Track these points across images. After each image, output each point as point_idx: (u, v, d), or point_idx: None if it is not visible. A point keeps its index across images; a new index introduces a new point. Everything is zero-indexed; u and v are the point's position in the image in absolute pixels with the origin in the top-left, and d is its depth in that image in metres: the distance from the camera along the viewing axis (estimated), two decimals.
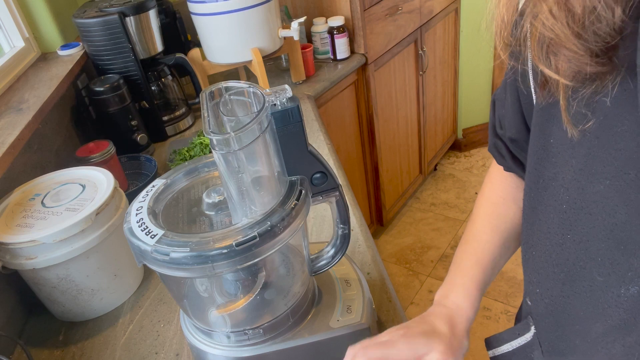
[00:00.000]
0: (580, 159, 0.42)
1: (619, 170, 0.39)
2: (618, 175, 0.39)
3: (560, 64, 0.39)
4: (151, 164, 1.28)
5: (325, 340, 0.66)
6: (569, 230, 0.46)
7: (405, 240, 2.47)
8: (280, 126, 0.56)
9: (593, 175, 0.42)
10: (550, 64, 0.40)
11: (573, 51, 0.37)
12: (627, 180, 0.39)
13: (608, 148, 0.40)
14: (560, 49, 0.38)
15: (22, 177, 1.01)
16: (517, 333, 0.60)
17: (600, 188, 0.41)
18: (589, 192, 0.42)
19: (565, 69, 0.39)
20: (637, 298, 0.41)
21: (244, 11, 1.40)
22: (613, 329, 0.44)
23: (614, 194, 0.40)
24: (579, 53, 0.37)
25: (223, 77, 1.83)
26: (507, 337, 0.61)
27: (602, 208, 0.41)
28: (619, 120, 0.39)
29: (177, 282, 0.66)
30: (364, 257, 0.91)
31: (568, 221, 0.45)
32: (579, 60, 0.37)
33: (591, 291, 0.45)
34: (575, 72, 0.38)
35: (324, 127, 1.43)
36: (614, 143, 0.39)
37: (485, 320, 1.98)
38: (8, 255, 0.80)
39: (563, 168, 0.45)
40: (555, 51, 0.38)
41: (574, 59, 0.37)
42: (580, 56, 0.37)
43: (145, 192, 0.63)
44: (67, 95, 1.34)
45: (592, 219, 0.43)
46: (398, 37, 2.07)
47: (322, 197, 0.63)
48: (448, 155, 3.01)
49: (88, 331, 0.88)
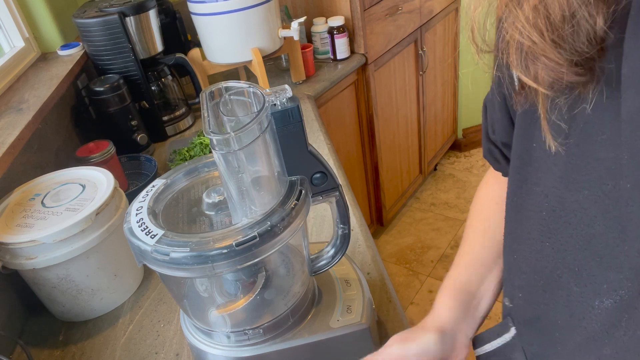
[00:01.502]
0: (561, 166, 0.42)
1: (597, 180, 0.39)
2: (596, 186, 0.39)
3: (539, 73, 0.38)
4: (151, 164, 1.28)
5: (325, 340, 0.66)
6: (547, 238, 0.45)
7: (405, 240, 2.47)
8: (280, 126, 0.56)
9: (572, 184, 0.41)
10: (529, 72, 0.39)
11: (551, 60, 0.36)
12: (605, 191, 0.38)
13: (587, 157, 0.39)
14: (538, 58, 0.37)
15: (22, 177, 1.01)
16: (497, 333, 0.59)
17: (579, 197, 0.40)
18: (568, 201, 0.42)
19: (544, 77, 0.38)
20: (611, 312, 0.40)
21: (244, 11, 1.40)
22: (589, 341, 0.43)
23: (591, 205, 0.39)
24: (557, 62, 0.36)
25: (223, 77, 1.83)
26: (487, 337, 0.61)
27: (580, 218, 0.41)
28: (599, 129, 0.38)
29: (177, 282, 0.66)
30: (364, 257, 0.91)
31: (547, 228, 0.45)
32: (557, 69, 0.36)
33: (568, 301, 0.44)
34: (554, 81, 0.37)
35: (324, 127, 1.43)
36: (593, 152, 0.39)
37: (485, 321, 1.98)
38: (8, 255, 0.80)
39: (545, 174, 0.44)
40: (533, 60, 0.37)
41: (552, 68, 0.36)
42: (559, 65, 0.36)
43: (145, 192, 0.63)
44: (67, 95, 1.34)
45: (570, 228, 0.42)
46: (398, 37, 2.07)
47: (322, 197, 0.63)
48: (448, 155, 3.01)
49: (88, 331, 0.88)
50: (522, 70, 0.39)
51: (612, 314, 0.40)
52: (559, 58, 0.36)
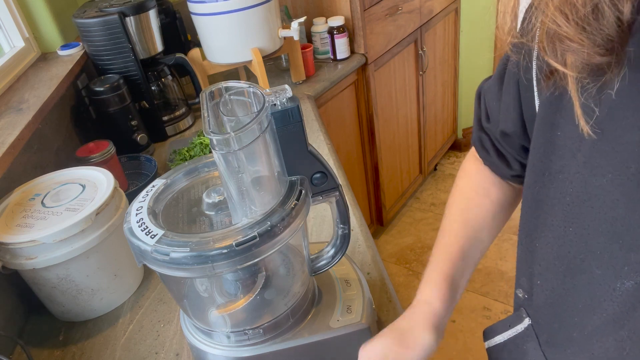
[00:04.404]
0: (586, 151, 0.43)
1: (621, 164, 0.39)
2: (620, 169, 0.40)
3: (568, 57, 0.39)
4: (151, 164, 1.28)
5: (325, 340, 0.66)
6: (571, 223, 0.46)
7: (405, 240, 2.47)
8: (280, 126, 0.56)
9: (596, 168, 0.42)
10: (558, 57, 0.40)
11: (580, 44, 0.37)
12: (628, 174, 0.39)
13: (611, 141, 0.40)
14: (567, 43, 0.38)
15: (22, 177, 1.01)
16: (509, 325, 0.60)
17: (602, 181, 0.41)
18: (591, 186, 0.42)
19: (573, 61, 0.39)
20: (631, 292, 0.41)
21: (244, 11, 1.40)
22: (608, 323, 0.44)
23: (615, 188, 0.40)
24: (585, 46, 0.37)
25: (223, 77, 1.83)
26: (498, 329, 0.62)
27: (603, 201, 0.42)
28: (623, 113, 0.39)
29: (177, 282, 0.66)
30: (364, 257, 0.91)
31: (571, 214, 0.46)
32: (586, 53, 0.37)
33: (589, 284, 0.45)
34: (581, 64, 0.38)
35: (324, 127, 1.43)
36: (617, 136, 0.39)
37: (485, 320, 1.98)
38: (8, 255, 0.80)
39: (569, 161, 0.45)
40: (562, 45, 0.39)
41: (578, 51, 0.38)
42: (583, 48, 0.37)
43: (145, 192, 0.63)
44: (67, 95, 1.34)
45: (594, 212, 0.43)
46: (398, 37, 2.07)
47: (322, 197, 0.63)
48: (448, 155, 3.02)
49: (88, 331, 0.88)
50: (551, 55, 0.40)
51: (633, 295, 0.41)
52: (583, 41, 0.37)
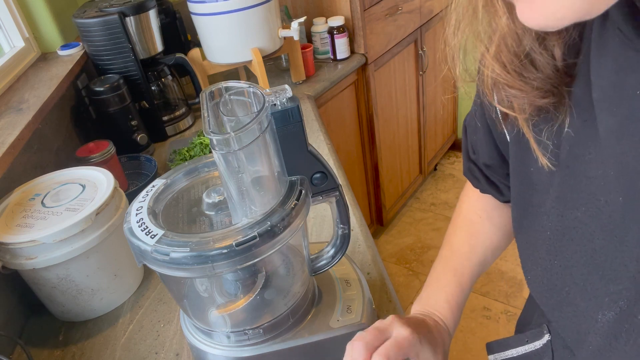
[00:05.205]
0: (556, 187, 0.43)
1: (591, 196, 0.40)
2: (591, 202, 0.40)
3: (514, 101, 0.42)
4: (151, 164, 1.28)
5: (325, 340, 0.66)
6: (555, 256, 0.46)
7: (405, 240, 2.47)
8: (280, 126, 0.56)
9: (569, 202, 0.42)
10: (504, 102, 0.43)
11: (520, 90, 0.39)
12: (599, 206, 0.39)
13: (579, 176, 0.41)
14: (508, 90, 0.40)
15: (22, 177, 1.01)
16: (526, 340, 0.58)
17: (577, 214, 0.42)
18: (568, 219, 0.43)
19: (519, 105, 0.42)
20: (612, 324, 0.41)
21: (244, 11, 1.40)
22: (594, 355, 0.44)
23: (590, 220, 0.41)
24: (525, 91, 0.39)
25: (223, 77, 1.83)
26: (513, 343, 0.60)
27: (581, 234, 0.42)
28: (585, 149, 0.40)
29: (177, 282, 0.66)
30: (364, 257, 0.91)
31: (553, 247, 0.46)
32: (527, 97, 0.40)
33: (575, 317, 0.45)
34: (526, 107, 0.41)
35: (324, 127, 1.43)
36: (583, 171, 0.40)
37: (485, 320, 1.98)
38: (8, 255, 0.80)
39: (544, 195, 0.46)
40: (505, 91, 0.41)
41: (519, 96, 0.40)
42: (528, 93, 0.39)
43: (145, 192, 0.63)
44: (67, 95, 1.34)
45: (574, 244, 0.43)
46: (398, 37, 2.07)
47: (322, 197, 0.63)
48: (448, 155, 3.02)
49: (88, 331, 0.88)
50: (498, 100, 0.44)
51: (614, 326, 0.41)
52: (522, 87, 0.39)
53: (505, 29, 0.38)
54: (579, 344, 0.46)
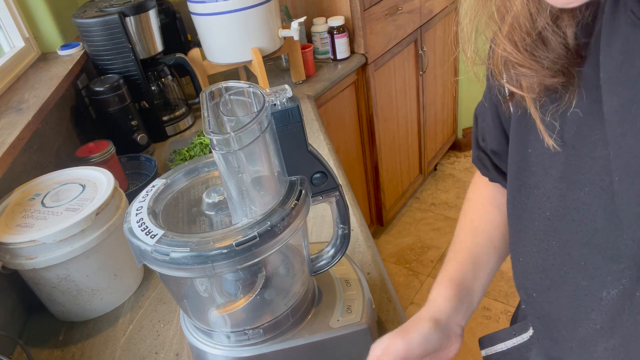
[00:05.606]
0: (559, 167, 0.44)
1: (596, 177, 0.40)
2: (595, 182, 0.40)
3: (522, 81, 0.42)
4: (151, 164, 1.28)
5: (325, 340, 0.66)
6: (553, 237, 0.46)
7: (405, 240, 2.47)
8: (280, 126, 0.56)
9: (572, 183, 0.43)
10: (513, 81, 0.43)
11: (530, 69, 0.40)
12: (603, 186, 0.40)
13: (584, 157, 0.41)
14: (518, 68, 0.41)
15: (22, 177, 1.01)
16: (513, 333, 0.60)
17: (580, 195, 0.42)
18: (570, 199, 0.43)
19: (527, 84, 0.42)
20: (617, 301, 0.42)
21: (244, 11, 1.40)
22: (596, 333, 0.44)
23: (593, 200, 0.41)
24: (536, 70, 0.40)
25: (223, 77, 1.83)
26: (502, 337, 0.61)
27: (583, 214, 0.42)
28: (591, 130, 0.40)
29: (177, 282, 0.66)
30: (364, 257, 0.91)
31: (552, 228, 0.46)
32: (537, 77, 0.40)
33: (575, 296, 0.45)
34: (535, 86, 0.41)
35: (324, 127, 1.43)
36: (589, 152, 0.41)
37: (485, 320, 1.98)
38: (8, 255, 0.80)
39: (543, 177, 0.46)
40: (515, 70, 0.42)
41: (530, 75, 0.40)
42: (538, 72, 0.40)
43: (145, 192, 0.63)
44: (67, 95, 1.34)
45: (574, 225, 0.43)
46: (398, 37, 2.07)
47: (322, 197, 0.63)
48: (448, 155, 3.01)
49: (88, 331, 0.88)
50: (507, 79, 0.44)
51: (617, 303, 0.42)
52: (533, 66, 0.40)
53: (519, 7, 0.38)
54: (578, 322, 0.46)
